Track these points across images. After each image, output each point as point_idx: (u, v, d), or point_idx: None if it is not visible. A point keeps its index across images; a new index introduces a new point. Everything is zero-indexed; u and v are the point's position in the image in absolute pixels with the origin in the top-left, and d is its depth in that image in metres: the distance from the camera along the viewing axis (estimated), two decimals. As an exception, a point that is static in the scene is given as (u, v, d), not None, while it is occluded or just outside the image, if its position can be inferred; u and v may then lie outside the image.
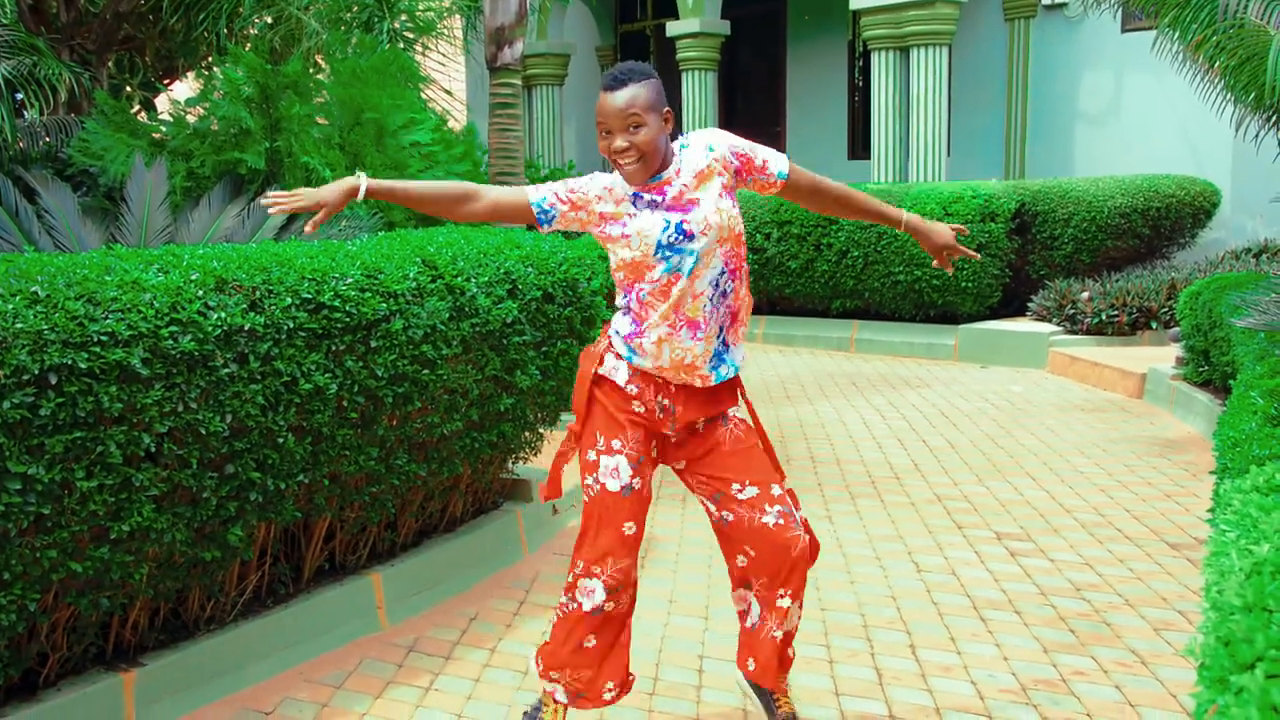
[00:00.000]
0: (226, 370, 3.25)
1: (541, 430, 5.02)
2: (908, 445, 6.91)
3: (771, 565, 3.03)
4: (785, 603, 3.08)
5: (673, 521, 5.40)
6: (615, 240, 2.94)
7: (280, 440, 3.47)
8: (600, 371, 3.02)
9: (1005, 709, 3.44)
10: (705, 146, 2.97)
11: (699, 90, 14.31)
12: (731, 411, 3.12)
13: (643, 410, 3.00)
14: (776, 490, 3.05)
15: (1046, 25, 12.93)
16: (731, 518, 3.06)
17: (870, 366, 10.09)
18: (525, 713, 3.30)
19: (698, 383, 2.98)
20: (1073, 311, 9.77)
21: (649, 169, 2.87)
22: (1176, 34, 6.37)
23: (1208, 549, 2.28)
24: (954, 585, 4.51)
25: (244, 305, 3.35)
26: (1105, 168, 12.11)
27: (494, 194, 2.98)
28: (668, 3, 15.46)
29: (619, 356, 3.01)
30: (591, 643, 3.04)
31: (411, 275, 3.98)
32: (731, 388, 3.09)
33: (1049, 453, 6.62)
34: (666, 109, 2.90)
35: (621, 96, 2.83)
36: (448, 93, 8.44)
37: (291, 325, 3.46)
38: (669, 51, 15.26)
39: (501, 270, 4.40)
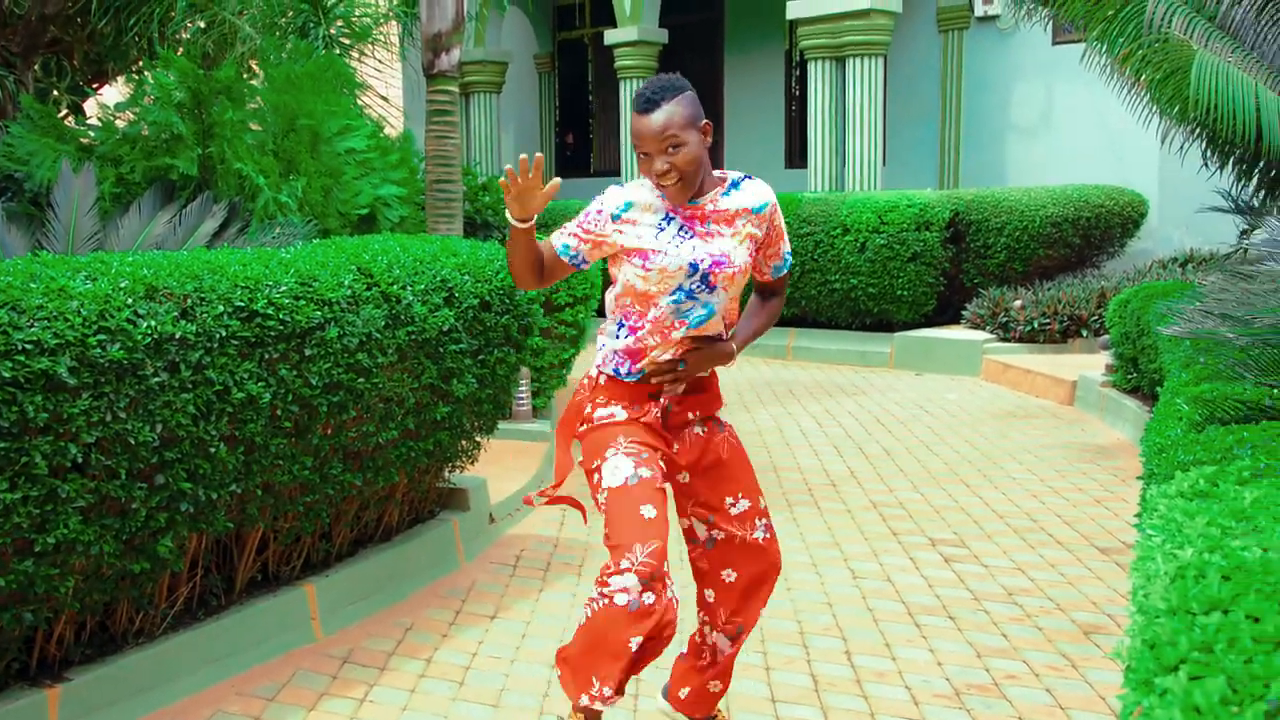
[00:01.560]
0: (157, 379, 3.20)
1: (479, 439, 5.00)
2: (844, 453, 6.96)
3: (747, 581, 3.08)
4: (735, 623, 3.12)
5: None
6: (632, 263, 2.89)
7: (212, 450, 3.42)
8: (601, 384, 3.00)
9: (939, 713, 3.47)
10: (761, 198, 2.98)
11: (637, 99, 14.35)
12: (722, 415, 3.15)
13: (638, 410, 2.97)
14: (762, 504, 3.12)
15: (979, 37, 13.12)
16: (722, 536, 3.07)
17: (807, 374, 10.15)
18: None
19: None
20: (1006, 319, 9.91)
21: (690, 188, 2.84)
22: (1104, 47, 6.49)
23: (1135, 553, 2.31)
24: (889, 591, 4.55)
25: (175, 313, 3.30)
26: (1037, 178, 12.30)
27: (521, 259, 2.95)
28: (606, 11, 15.47)
29: (611, 400, 2.99)
30: (635, 643, 2.76)
31: (347, 283, 3.94)
32: (715, 381, 3.13)
33: (983, 459, 6.71)
34: (705, 122, 2.86)
35: (658, 119, 2.78)
36: (384, 99, 8.38)
37: (224, 333, 3.41)
38: (607, 60, 15.29)
39: (438, 278, 4.38)
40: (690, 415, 3.05)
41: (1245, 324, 3.34)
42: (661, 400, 2.99)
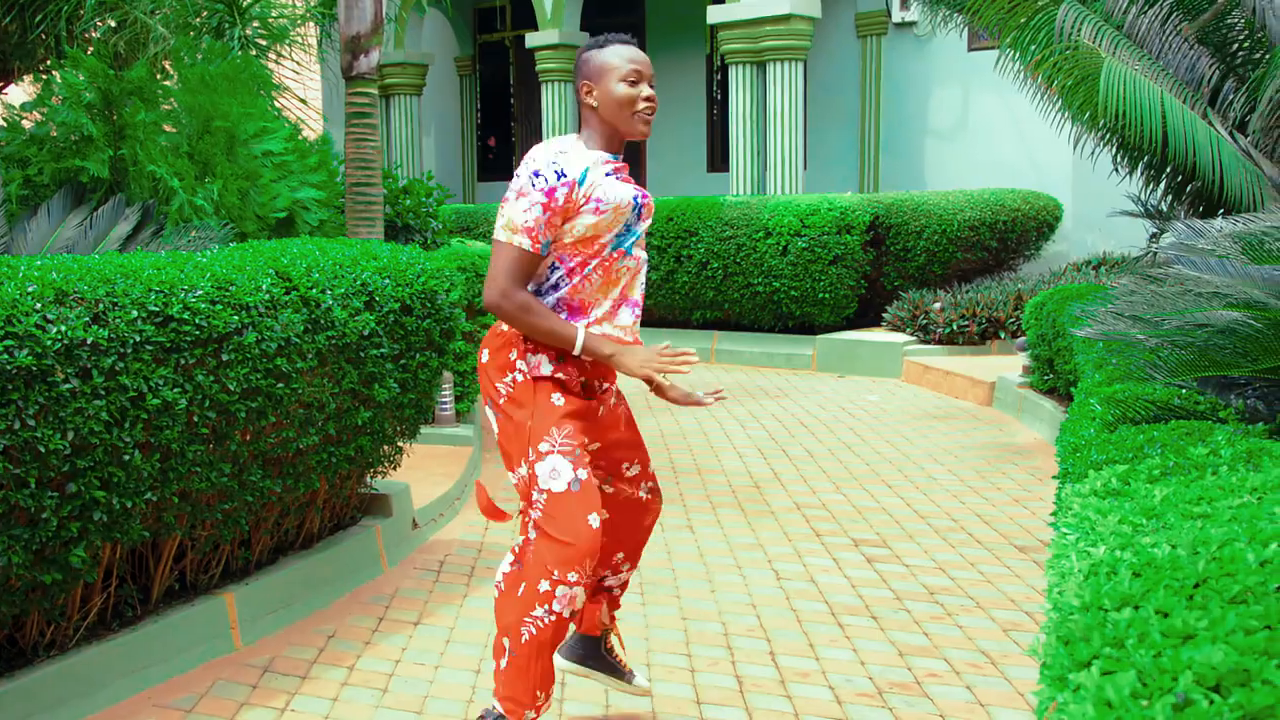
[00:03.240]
0: (68, 385, 3.13)
1: (401, 444, 4.95)
2: (768, 455, 7.01)
3: (629, 534, 3.27)
4: (625, 570, 3.35)
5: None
6: (584, 211, 2.85)
7: (126, 457, 3.35)
8: (522, 369, 2.92)
9: (862, 712, 3.51)
10: None
11: (559, 102, 14.33)
12: (644, 416, 3.19)
13: (565, 399, 2.93)
14: (650, 468, 3.29)
15: (897, 43, 13.30)
16: (610, 491, 3.20)
17: (731, 377, 10.21)
18: None
19: None
20: (925, 322, 10.05)
21: (650, 131, 2.95)
22: (1017, 54, 6.61)
23: (1050, 551, 2.36)
24: (813, 592, 4.59)
25: (86, 318, 3.22)
26: (954, 182, 12.50)
27: (522, 281, 2.86)
28: (527, 14, 15.44)
29: (535, 351, 2.93)
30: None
31: (264, 287, 3.88)
32: None
33: (904, 460, 6.79)
34: None
35: (642, 52, 2.92)
36: (302, 102, 8.27)
37: (138, 339, 3.35)
38: (528, 63, 15.25)
39: (358, 282, 4.33)
40: (604, 386, 3.10)
41: (1154, 326, 3.42)
42: (585, 381, 3.00)
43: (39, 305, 3.11)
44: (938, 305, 10.04)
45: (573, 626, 3.31)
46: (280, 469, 4.12)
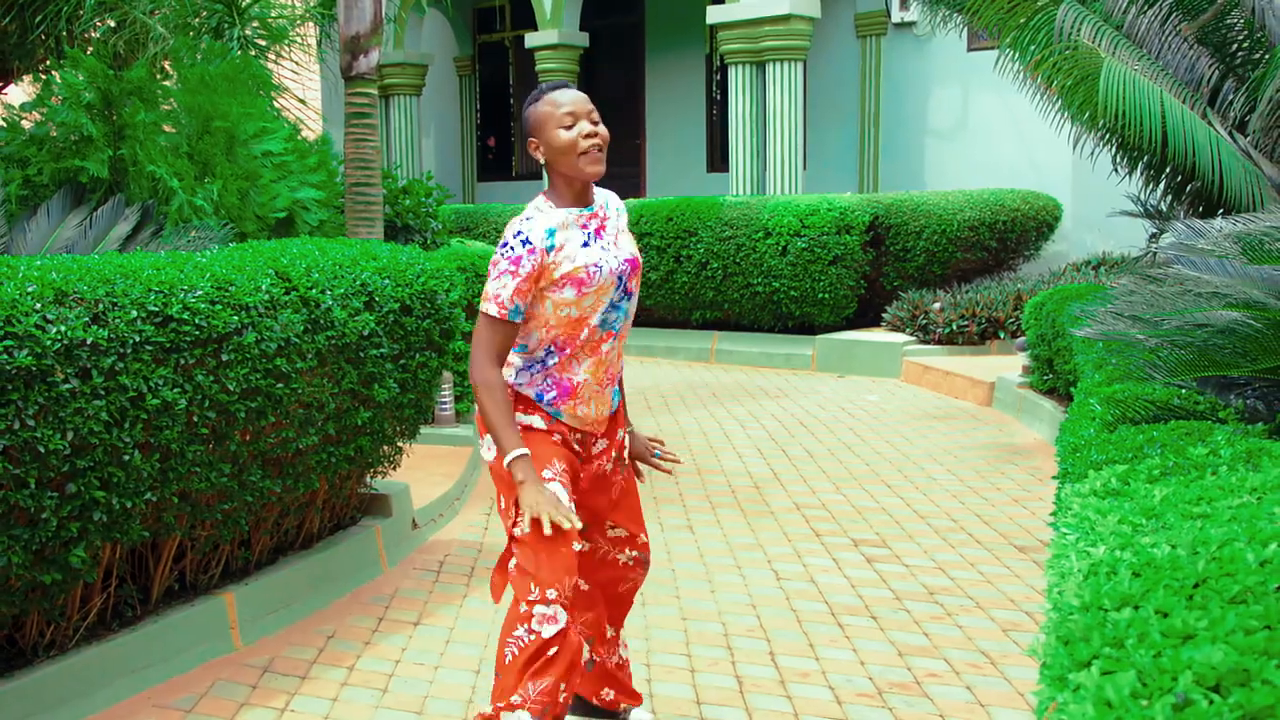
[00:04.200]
0: (67, 385, 3.13)
1: (401, 444, 4.95)
2: (767, 455, 7.01)
3: (612, 599, 3.27)
4: (612, 634, 3.31)
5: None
6: (562, 294, 2.83)
7: (126, 457, 3.35)
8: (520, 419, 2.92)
9: (862, 713, 3.51)
10: (617, 206, 3.05)
11: (559, 102, 14.31)
12: (646, 418, 3.17)
13: (560, 439, 2.96)
14: (642, 539, 3.23)
15: (897, 43, 13.29)
16: (589, 547, 3.16)
17: (730, 377, 10.21)
18: None
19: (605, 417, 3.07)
20: (925, 322, 10.05)
21: (603, 165, 2.87)
22: (1017, 54, 6.61)
23: (1050, 551, 2.36)
24: (812, 592, 4.59)
25: (86, 318, 3.22)
26: (954, 182, 12.50)
27: (493, 356, 2.83)
28: (526, 14, 15.43)
29: (528, 411, 2.94)
30: (553, 651, 2.85)
31: (264, 287, 3.88)
32: (621, 421, 3.18)
33: (903, 460, 6.79)
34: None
35: (578, 92, 2.88)
36: (301, 102, 8.27)
37: (138, 339, 3.35)
38: (528, 63, 15.25)
39: (358, 282, 4.33)
40: (603, 457, 3.10)
41: (1154, 326, 3.42)
42: (579, 438, 3.01)
43: (39, 305, 3.11)
44: (937, 305, 10.04)
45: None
46: (280, 469, 4.12)
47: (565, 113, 2.84)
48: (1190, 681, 1.44)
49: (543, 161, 2.92)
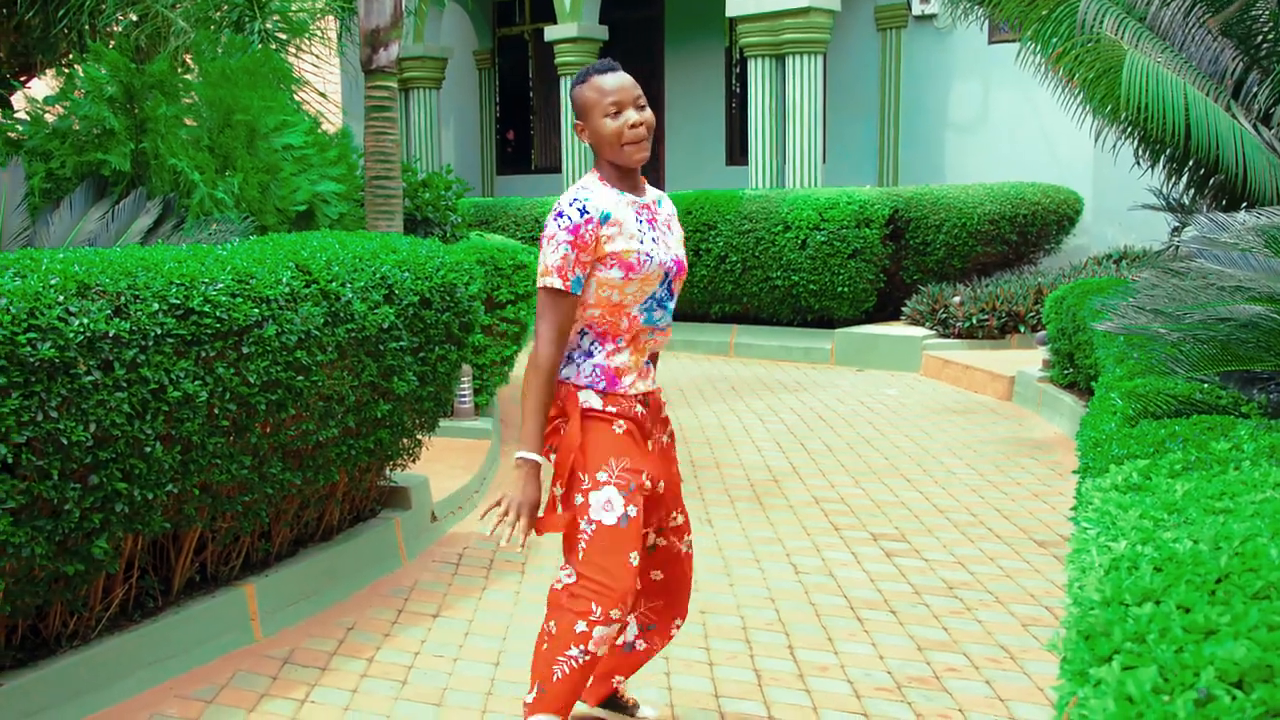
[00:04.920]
0: (90, 378, 3.14)
1: (420, 437, 4.96)
2: (786, 449, 7.00)
3: (675, 589, 3.20)
4: (677, 625, 3.27)
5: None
6: (609, 274, 2.80)
7: (148, 449, 3.37)
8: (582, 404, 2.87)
9: (881, 706, 3.51)
10: (670, 211, 3.04)
11: (578, 95, 14.31)
12: (664, 413, 3.13)
13: (625, 428, 2.88)
14: (686, 521, 3.23)
15: (917, 35, 13.24)
16: (664, 543, 3.15)
17: (749, 370, 10.20)
18: None
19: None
20: (945, 316, 10.02)
21: (648, 153, 2.86)
22: (1038, 47, 6.58)
23: (1071, 546, 2.35)
24: (831, 586, 4.58)
25: (108, 311, 3.24)
26: (974, 175, 12.45)
27: (556, 333, 2.79)
28: (546, 7, 15.43)
29: (582, 387, 2.89)
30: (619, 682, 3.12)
31: (285, 280, 3.90)
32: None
33: (923, 454, 6.77)
34: None
35: (626, 76, 2.83)
36: (322, 95, 8.28)
37: (159, 331, 3.36)
38: (548, 56, 15.24)
39: (378, 275, 4.34)
40: (659, 429, 3.07)
41: (1176, 320, 3.40)
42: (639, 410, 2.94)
43: (61, 298, 3.13)
44: (957, 299, 10.00)
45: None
46: (300, 461, 4.14)
47: (610, 101, 2.80)
48: (1212, 677, 1.43)
49: (589, 143, 2.89)
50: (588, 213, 2.77)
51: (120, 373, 3.23)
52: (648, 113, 2.85)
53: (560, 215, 2.78)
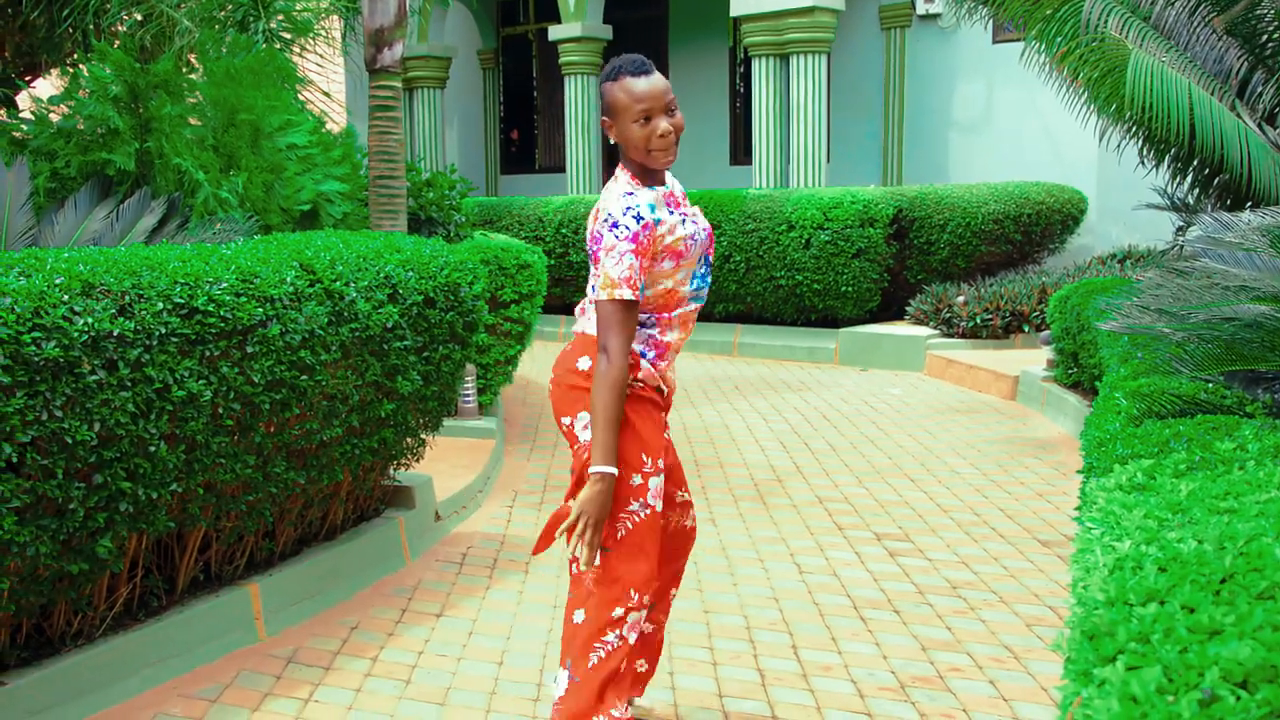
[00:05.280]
0: (94, 377, 3.15)
1: (424, 436, 4.97)
2: (790, 448, 7.00)
3: (675, 560, 3.25)
4: (672, 595, 3.31)
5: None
6: (662, 267, 2.85)
7: (152, 449, 3.37)
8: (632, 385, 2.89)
9: (884, 706, 3.50)
10: (682, 189, 3.06)
11: (582, 95, 14.32)
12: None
13: (657, 405, 2.96)
14: (689, 498, 3.29)
15: (921, 35, 13.23)
16: (674, 520, 3.21)
17: (753, 370, 10.20)
18: None
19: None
20: (949, 315, 10.01)
21: (674, 158, 2.88)
22: (1042, 46, 6.57)
23: (1075, 546, 2.35)
24: (835, 586, 4.58)
25: (113, 310, 3.24)
26: (979, 175, 12.44)
27: (627, 343, 2.75)
28: (550, 7, 15.43)
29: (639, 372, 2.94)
30: (642, 666, 3.15)
31: (289, 280, 3.90)
32: None
33: (926, 454, 6.77)
34: None
35: (658, 79, 2.81)
36: (326, 95, 8.29)
37: (164, 331, 3.37)
38: (552, 55, 15.25)
39: (381, 275, 4.34)
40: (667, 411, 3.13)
41: (1180, 319, 3.40)
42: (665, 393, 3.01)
43: (66, 297, 3.14)
44: (961, 299, 10.00)
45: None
46: (304, 461, 4.14)
47: (641, 108, 2.79)
48: (1217, 677, 1.43)
49: (616, 142, 2.90)
50: (644, 219, 2.77)
51: (125, 372, 3.23)
52: (678, 116, 2.85)
53: (616, 225, 2.76)
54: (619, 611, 2.81)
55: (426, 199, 7.79)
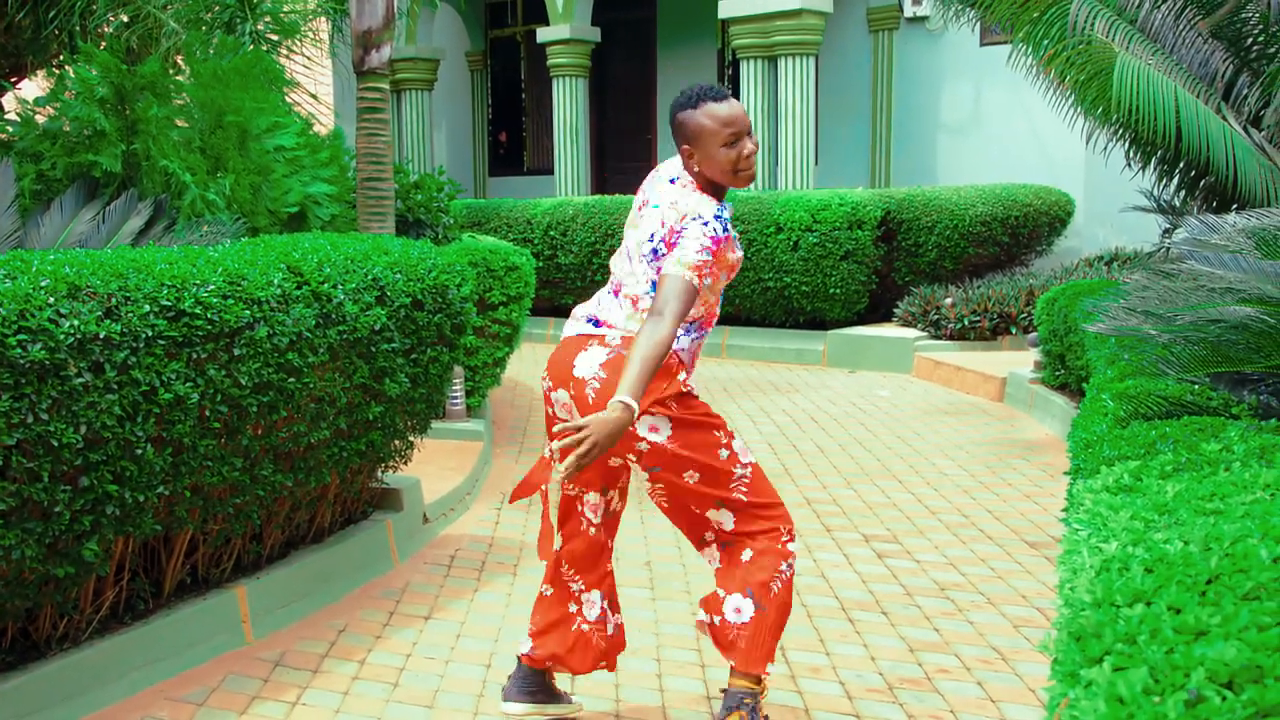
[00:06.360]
0: (80, 380, 3.14)
1: (412, 439, 4.96)
2: (778, 450, 7.01)
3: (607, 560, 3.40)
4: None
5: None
6: (728, 265, 3.04)
7: (139, 451, 3.36)
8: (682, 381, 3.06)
9: (873, 708, 3.51)
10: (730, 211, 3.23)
11: (570, 97, 14.31)
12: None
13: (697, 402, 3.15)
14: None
15: (909, 37, 13.26)
16: (619, 507, 3.36)
17: (741, 372, 10.20)
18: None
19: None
20: (936, 317, 10.03)
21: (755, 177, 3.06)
22: (1030, 49, 6.58)
23: (1062, 547, 2.35)
24: (823, 587, 4.58)
25: (99, 312, 3.23)
26: (967, 177, 12.46)
27: (682, 317, 2.83)
28: (538, 9, 15.42)
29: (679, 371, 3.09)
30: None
31: (276, 282, 3.89)
32: None
33: (914, 456, 6.78)
34: None
35: (738, 103, 2.97)
36: (313, 97, 8.26)
37: (150, 333, 3.36)
38: (540, 58, 15.23)
39: (369, 277, 4.34)
40: None
41: (1167, 321, 3.41)
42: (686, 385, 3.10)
43: (52, 299, 3.12)
44: (949, 300, 10.02)
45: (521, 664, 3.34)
46: (291, 463, 4.13)
47: (730, 132, 2.93)
48: (1203, 678, 1.43)
49: (698, 169, 2.99)
50: (727, 230, 2.96)
51: (111, 374, 3.22)
52: (755, 137, 3.07)
53: (707, 224, 2.91)
54: (786, 540, 3.08)
55: (415, 201, 7.77)
